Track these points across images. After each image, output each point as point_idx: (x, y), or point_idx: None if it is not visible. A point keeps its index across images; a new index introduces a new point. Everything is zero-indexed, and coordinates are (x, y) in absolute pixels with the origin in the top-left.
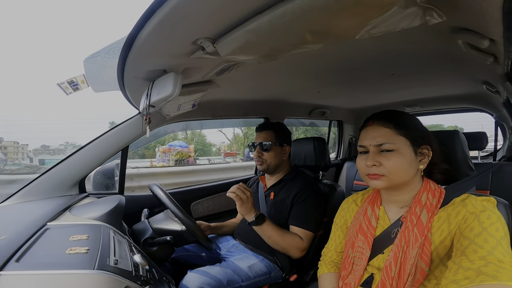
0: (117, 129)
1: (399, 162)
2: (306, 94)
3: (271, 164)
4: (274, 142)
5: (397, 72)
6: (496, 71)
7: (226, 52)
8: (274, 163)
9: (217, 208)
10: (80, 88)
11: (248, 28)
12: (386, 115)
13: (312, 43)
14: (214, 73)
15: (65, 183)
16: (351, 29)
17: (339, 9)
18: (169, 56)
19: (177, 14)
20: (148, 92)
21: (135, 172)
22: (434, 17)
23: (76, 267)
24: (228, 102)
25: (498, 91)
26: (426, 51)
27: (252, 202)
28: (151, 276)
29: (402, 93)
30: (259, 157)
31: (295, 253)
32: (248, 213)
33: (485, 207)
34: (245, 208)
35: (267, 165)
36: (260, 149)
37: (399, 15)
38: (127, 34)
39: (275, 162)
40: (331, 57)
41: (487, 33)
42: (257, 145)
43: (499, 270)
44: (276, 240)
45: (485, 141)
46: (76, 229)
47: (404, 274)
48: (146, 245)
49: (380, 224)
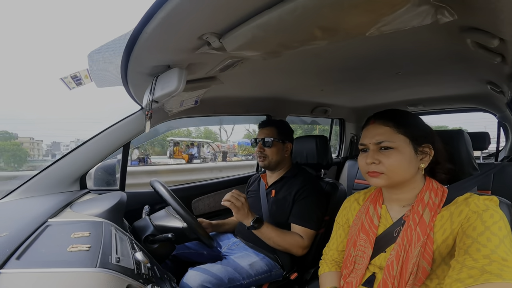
0: (119, 125)
1: (398, 160)
2: (309, 92)
3: (273, 160)
4: (276, 139)
5: (401, 71)
6: (502, 71)
7: (233, 48)
8: (276, 159)
9: (218, 205)
10: (83, 83)
11: (257, 23)
12: (387, 114)
13: (320, 39)
14: (218, 69)
15: (66, 179)
16: (362, 26)
17: (351, 5)
18: (174, 51)
19: (184, 8)
20: (152, 87)
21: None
22: (445, 16)
23: (78, 265)
24: (230, 99)
25: (502, 91)
26: (432, 50)
27: (248, 207)
28: (153, 274)
29: (406, 92)
30: (261, 153)
31: (296, 252)
32: (246, 218)
33: (487, 206)
34: (241, 214)
35: (268, 161)
36: (262, 145)
37: (411, 13)
38: (132, 28)
39: (276, 159)
40: (335, 55)
41: (498, 33)
42: (259, 141)
43: (503, 269)
44: (277, 241)
45: (487, 141)
46: (77, 225)
47: (406, 273)
48: (147, 242)
49: (382, 223)
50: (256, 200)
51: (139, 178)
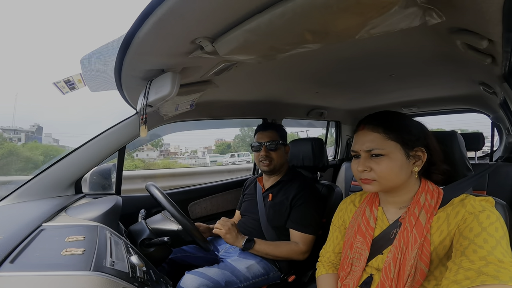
0: (114, 129)
1: (389, 167)
2: (304, 95)
3: (278, 163)
4: (280, 141)
5: (395, 72)
6: (493, 72)
7: (225, 52)
8: (280, 163)
9: (215, 208)
10: (76, 87)
11: (248, 28)
12: (377, 118)
13: (311, 42)
14: (212, 73)
15: (61, 183)
16: (351, 29)
17: (339, 9)
18: (167, 55)
19: (176, 13)
20: (146, 92)
21: None
22: (433, 18)
23: (72, 269)
24: (226, 102)
25: (495, 92)
26: (424, 52)
27: (236, 230)
28: (149, 278)
29: (400, 94)
30: (267, 157)
31: (297, 258)
32: (236, 240)
33: (484, 207)
34: (231, 237)
35: (274, 165)
36: (267, 149)
37: (399, 15)
38: (125, 32)
39: (281, 162)
40: (329, 57)
41: (486, 34)
42: (263, 145)
43: (500, 270)
44: (274, 254)
45: (482, 142)
46: (72, 230)
47: (403, 275)
48: (143, 246)
49: (378, 225)
50: (252, 203)
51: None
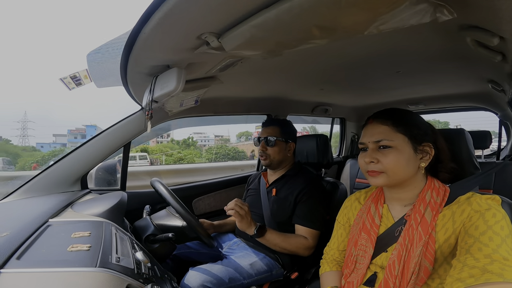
0: (120, 124)
1: (397, 159)
2: (309, 91)
3: (275, 159)
4: (279, 138)
5: (401, 69)
6: (503, 69)
7: (231, 47)
8: (278, 159)
9: (219, 204)
10: (83, 83)
11: (254, 23)
12: (386, 113)
13: (319, 38)
14: (217, 69)
15: (67, 179)
16: (360, 25)
17: (348, 3)
18: (173, 51)
19: (182, 8)
20: (151, 88)
21: None
22: (444, 14)
23: (78, 265)
24: (230, 98)
25: (503, 89)
26: (432, 49)
27: (250, 216)
28: (153, 274)
29: (406, 91)
30: (263, 152)
31: (303, 253)
32: (249, 227)
33: (490, 206)
34: (245, 222)
35: (270, 160)
36: (264, 144)
37: (410, 11)
38: (131, 28)
39: (278, 158)
40: (335, 54)
41: (498, 31)
42: (262, 140)
43: (504, 268)
44: (282, 245)
45: (489, 140)
46: (78, 225)
47: (407, 273)
48: (148, 242)
49: (383, 222)
50: (256, 198)
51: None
